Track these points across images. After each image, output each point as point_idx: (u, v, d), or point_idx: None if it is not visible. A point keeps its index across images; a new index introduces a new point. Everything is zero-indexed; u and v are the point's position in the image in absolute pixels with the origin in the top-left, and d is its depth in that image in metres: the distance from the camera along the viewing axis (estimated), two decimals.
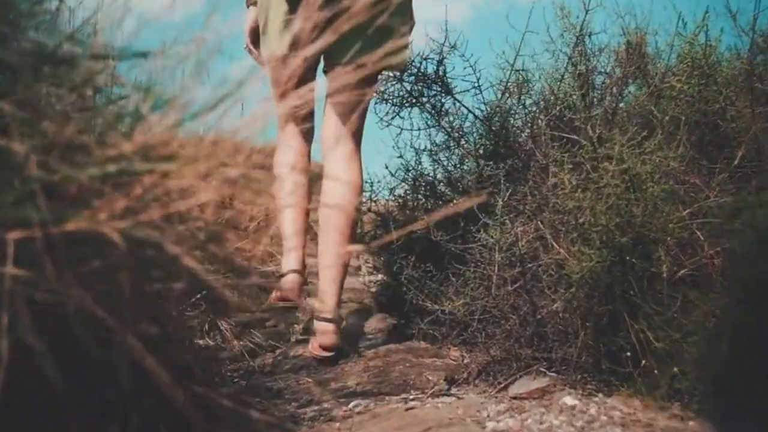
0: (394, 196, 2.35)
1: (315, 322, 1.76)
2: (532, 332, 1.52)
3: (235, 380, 1.61)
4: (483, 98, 2.17)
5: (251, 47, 2.03)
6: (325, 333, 1.72)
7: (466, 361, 1.66)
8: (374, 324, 2.09)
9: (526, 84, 2.17)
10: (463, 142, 2.25)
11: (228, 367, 1.69)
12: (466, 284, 1.74)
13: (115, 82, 0.66)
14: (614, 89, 2.15)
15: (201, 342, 1.70)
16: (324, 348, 1.72)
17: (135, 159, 0.62)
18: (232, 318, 1.93)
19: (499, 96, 2.20)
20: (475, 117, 2.19)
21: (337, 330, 1.75)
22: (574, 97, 2.04)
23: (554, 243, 1.52)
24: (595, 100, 2.09)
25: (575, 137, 1.70)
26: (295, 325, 2.11)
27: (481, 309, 1.65)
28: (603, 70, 2.18)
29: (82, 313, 0.62)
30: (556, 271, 1.51)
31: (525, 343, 1.52)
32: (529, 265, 1.58)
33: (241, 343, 1.86)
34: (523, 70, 2.16)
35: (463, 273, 1.77)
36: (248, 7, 2.02)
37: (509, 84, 2.18)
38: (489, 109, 2.17)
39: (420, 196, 2.31)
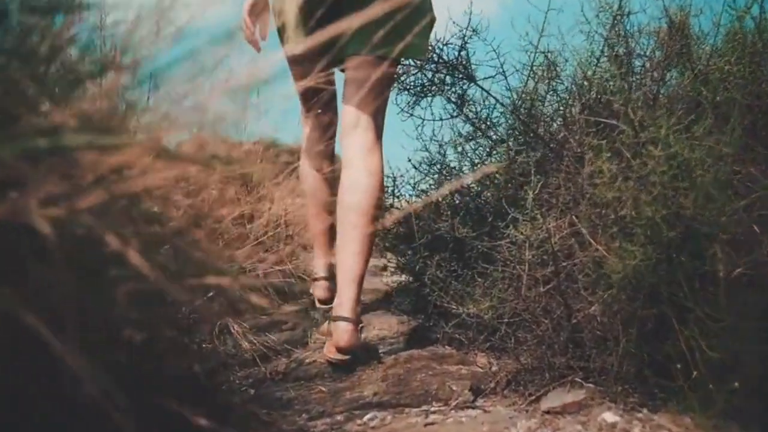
0: (417, 191, 2.23)
1: (332, 322, 1.64)
2: (566, 338, 1.37)
3: (244, 388, 1.50)
4: (508, 84, 2.03)
5: (248, 22, 1.87)
6: (341, 333, 1.59)
7: (493, 369, 1.52)
8: (395, 327, 1.96)
9: (554, 67, 2.01)
10: (490, 132, 2.11)
11: (237, 374, 1.58)
12: (493, 285, 1.61)
13: (54, 41, 0.55)
14: (655, 73, 1.98)
15: (209, 346, 1.59)
16: (340, 350, 1.59)
17: (71, 131, 0.50)
18: (246, 321, 1.83)
19: (526, 81, 2.04)
20: (502, 105, 2.04)
21: (356, 331, 1.62)
22: (611, 82, 1.88)
23: (591, 239, 1.36)
24: (634, 84, 1.93)
25: (614, 122, 1.54)
26: (313, 328, 2.00)
27: (510, 312, 1.52)
28: (642, 52, 2.01)
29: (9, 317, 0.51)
30: (593, 271, 1.35)
31: (559, 351, 1.37)
32: (564, 264, 1.44)
33: (254, 347, 1.75)
34: (549, 51, 2.00)
35: (491, 273, 1.63)
36: None
37: (535, 68, 2.02)
38: (516, 95, 2.03)
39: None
